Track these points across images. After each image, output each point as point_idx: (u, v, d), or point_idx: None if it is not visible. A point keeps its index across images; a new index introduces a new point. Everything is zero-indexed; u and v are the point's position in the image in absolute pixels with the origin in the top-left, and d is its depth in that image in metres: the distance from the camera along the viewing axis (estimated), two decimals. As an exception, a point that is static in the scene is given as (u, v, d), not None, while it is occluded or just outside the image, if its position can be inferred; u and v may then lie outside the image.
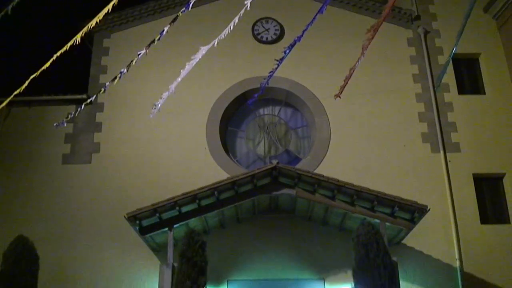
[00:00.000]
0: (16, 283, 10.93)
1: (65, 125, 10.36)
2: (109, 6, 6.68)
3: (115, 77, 8.70)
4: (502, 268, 14.07)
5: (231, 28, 7.52)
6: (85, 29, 7.14)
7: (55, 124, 10.35)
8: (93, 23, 7.02)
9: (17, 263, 11.11)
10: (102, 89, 9.24)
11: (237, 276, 13.84)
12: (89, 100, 9.69)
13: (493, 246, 14.31)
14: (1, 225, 14.08)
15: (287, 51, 8.00)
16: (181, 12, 7.17)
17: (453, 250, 14.25)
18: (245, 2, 6.76)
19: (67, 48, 7.46)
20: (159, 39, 7.76)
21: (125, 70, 8.58)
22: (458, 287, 13.83)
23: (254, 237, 14.14)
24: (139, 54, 8.05)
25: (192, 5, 7.03)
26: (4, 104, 9.41)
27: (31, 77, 8.17)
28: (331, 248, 13.95)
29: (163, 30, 7.68)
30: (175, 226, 12.51)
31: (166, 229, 12.47)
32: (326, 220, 13.99)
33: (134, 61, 8.41)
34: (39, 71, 8.02)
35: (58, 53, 7.63)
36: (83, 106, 10.61)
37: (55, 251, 13.84)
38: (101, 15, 6.85)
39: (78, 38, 7.20)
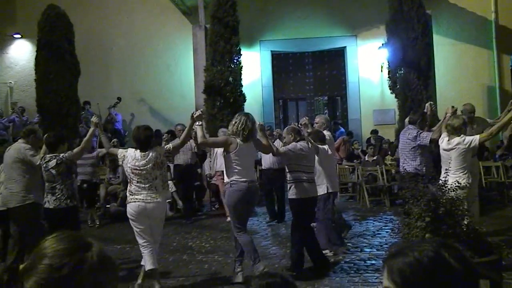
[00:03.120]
0: (54, 50, 11.14)
1: None
2: None
3: None
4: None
5: None
6: None
7: None
8: None
9: (53, 31, 11.18)
10: None
11: (269, 36, 13.94)
12: None
13: (532, -3, 13.84)
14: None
15: None
16: None
17: (489, 2, 13.84)
18: None
19: None
20: None
21: None
22: (491, 39, 13.76)
23: (285, -4, 13.88)
24: None
25: None
26: None
27: None
28: (363, 4, 13.63)
29: None
30: (204, -14, 12.30)
31: (196, -11, 12.32)
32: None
33: None
34: None
35: None
36: None
37: (86, 19, 13.83)
38: None
39: None
